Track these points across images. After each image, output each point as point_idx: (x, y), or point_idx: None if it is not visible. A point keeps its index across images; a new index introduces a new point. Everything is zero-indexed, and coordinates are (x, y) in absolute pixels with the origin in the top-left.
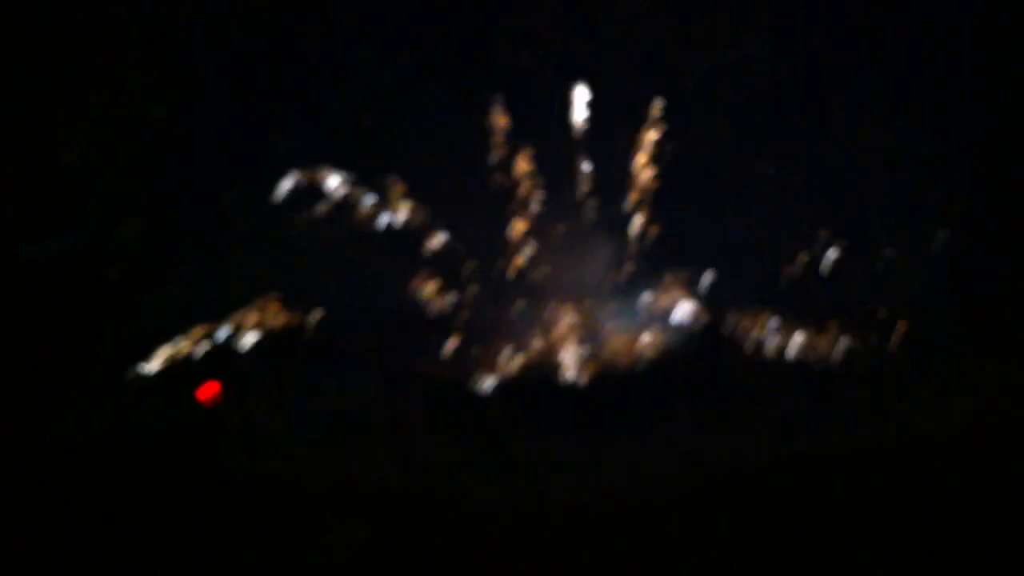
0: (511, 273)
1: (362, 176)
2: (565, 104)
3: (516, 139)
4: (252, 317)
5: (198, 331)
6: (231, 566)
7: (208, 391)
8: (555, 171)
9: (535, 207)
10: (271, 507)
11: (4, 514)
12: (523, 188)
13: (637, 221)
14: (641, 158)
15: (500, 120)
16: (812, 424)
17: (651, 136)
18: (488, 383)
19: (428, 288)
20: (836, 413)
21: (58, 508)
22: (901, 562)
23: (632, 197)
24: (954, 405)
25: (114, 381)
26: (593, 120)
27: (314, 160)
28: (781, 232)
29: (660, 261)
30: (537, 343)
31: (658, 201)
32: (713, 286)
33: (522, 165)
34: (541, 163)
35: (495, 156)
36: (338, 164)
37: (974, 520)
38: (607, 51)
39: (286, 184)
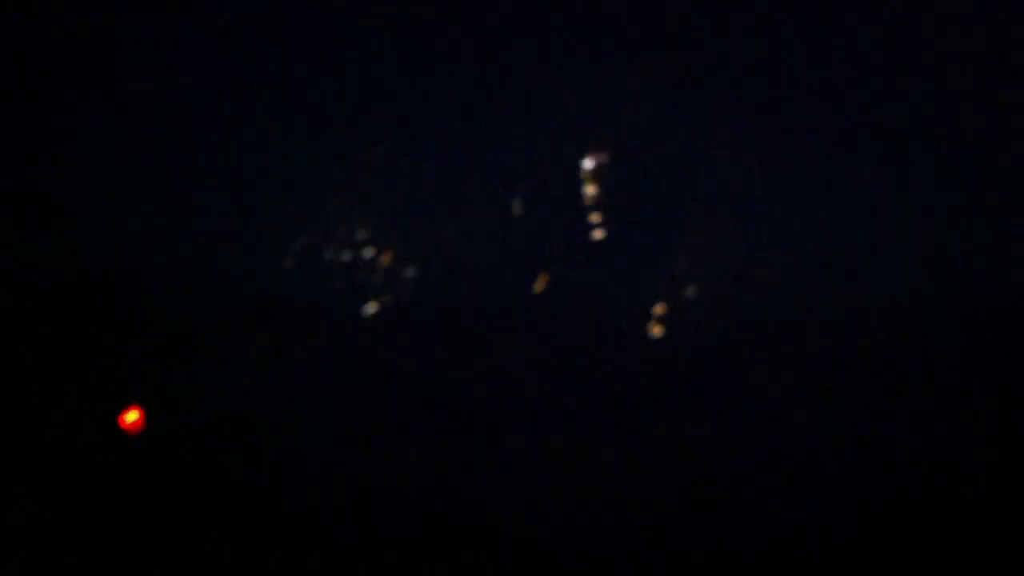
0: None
1: (365, 177)
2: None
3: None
4: (253, 316)
5: (198, 331)
6: (231, 566)
7: (131, 418)
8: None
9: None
10: (271, 507)
11: (4, 514)
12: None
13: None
14: None
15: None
16: (812, 424)
17: None
18: (489, 382)
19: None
20: (837, 412)
21: (58, 508)
22: (901, 562)
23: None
24: (954, 406)
25: (114, 381)
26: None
27: (316, 159)
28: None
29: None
30: (541, 343)
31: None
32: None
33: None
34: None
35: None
36: (339, 163)
37: (974, 520)
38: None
39: (290, 183)
